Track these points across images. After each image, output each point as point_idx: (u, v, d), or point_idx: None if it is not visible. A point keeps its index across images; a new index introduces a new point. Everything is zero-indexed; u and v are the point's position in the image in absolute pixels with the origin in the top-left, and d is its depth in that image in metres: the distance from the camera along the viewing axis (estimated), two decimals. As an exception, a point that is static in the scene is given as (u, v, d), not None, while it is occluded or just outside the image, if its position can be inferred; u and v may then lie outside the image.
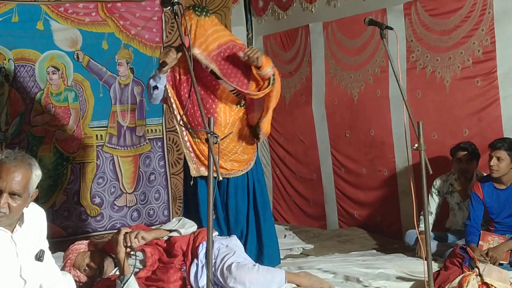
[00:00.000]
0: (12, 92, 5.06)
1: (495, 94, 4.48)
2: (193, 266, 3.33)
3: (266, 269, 3.33)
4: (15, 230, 2.50)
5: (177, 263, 3.37)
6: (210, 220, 2.69)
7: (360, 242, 5.09)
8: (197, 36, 3.73)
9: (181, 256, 3.38)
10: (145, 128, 5.65)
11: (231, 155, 3.90)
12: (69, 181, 5.30)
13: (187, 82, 3.78)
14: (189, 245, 3.41)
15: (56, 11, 5.21)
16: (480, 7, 4.52)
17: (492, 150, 4.02)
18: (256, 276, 3.21)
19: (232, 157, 3.91)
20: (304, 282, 3.35)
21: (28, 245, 2.54)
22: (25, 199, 2.46)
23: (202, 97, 3.77)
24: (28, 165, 2.44)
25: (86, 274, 3.38)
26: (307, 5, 5.98)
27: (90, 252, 3.45)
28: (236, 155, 3.92)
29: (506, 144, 3.99)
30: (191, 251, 3.39)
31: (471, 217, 4.13)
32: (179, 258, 3.37)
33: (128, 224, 5.41)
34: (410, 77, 5.00)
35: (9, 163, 2.39)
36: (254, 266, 3.30)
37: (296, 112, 6.14)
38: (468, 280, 3.36)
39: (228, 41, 3.83)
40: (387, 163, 5.27)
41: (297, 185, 6.27)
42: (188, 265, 3.35)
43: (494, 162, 3.99)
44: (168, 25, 5.74)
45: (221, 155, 3.83)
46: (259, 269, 3.27)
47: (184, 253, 3.39)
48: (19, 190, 2.40)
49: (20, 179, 2.40)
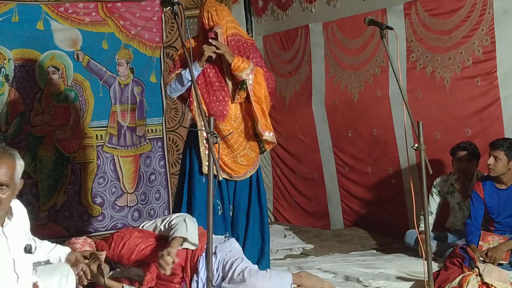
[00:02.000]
0: (12, 92, 5.05)
1: (496, 94, 4.48)
2: (193, 283, 3.28)
3: (276, 274, 3.32)
4: (5, 223, 2.50)
5: (176, 282, 3.31)
6: (210, 220, 2.69)
7: (360, 242, 5.10)
8: (220, 17, 3.81)
9: (180, 273, 3.32)
10: (145, 128, 5.65)
11: (241, 151, 3.90)
12: (70, 181, 5.30)
13: (202, 73, 3.83)
14: (187, 260, 3.34)
15: (56, 11, 5.21)
16: (480, 7, 4.52)
17: (491, 149, 4.03)
18: (268, 282, 3.21)
19: (242, 153, 3.90)
20: (305, 282, 3.35)
21: (18, 238, 2.54)
22: (13, 190, 2.49)
23: (216, 89, 3.84)
24: (11, 155, 2.48)
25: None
26: (306, 5, 5.98)
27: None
28: (245, 151, 3.91)
29: (506, 144, 3.99)
30: (190, 267, 3.33)
31: (472, 216, 4.13)
32: (178, 276, 3.31)
33: (129, 224, 5.41)
34: (410, 77, 5.00)
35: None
36: (265, 271, 3.29)
37: (296, 112, 6.14)
38: (468, 280, 3.36)
39: (236, 33, 3.90)
40: (392, 162, 5.26)
41: (298, 185, 6.27)
42: (188, 282, 3.30)
43: (491, 161, 4.00)
44: (168, 25, 5.74)
45: (230, 151, 3.86)
46: (271, 274, 3.27)
47: (182, 268, 3.33)
48: (6, 181, 2.43)
49: (6, 169, 2.44)
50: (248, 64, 3.76)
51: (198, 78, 3.83)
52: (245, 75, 3.75)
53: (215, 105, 3.85)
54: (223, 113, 3.84)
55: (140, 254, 3.37)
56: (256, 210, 3.98)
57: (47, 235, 5.08)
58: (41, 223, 5.15)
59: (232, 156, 3.88)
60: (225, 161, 3.86)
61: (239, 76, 3.76)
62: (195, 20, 6.08)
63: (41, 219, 5.16)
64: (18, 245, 2.53)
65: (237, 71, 3.74)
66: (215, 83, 3.84)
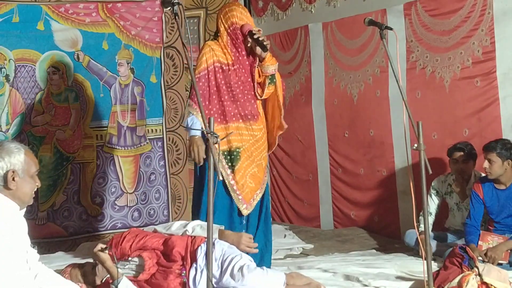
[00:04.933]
0: (13, 92, 5.07)
1: (495, 94, 4.48)
2: (192, 270, 3.33)
3: (272, 272, 3.37)
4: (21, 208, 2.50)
5: (176, 268, 3.35)
6: (210, 220, 2.70)
7: (360, 242, 5.10)
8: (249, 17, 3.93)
9: (180, 261, 3.37)
10: (145, 128, 5.66)
11: (258, 160, 3.94)
12: (69, 181, 5.31)
13: (235, 73, 3.85)
14: (187, 249, 3.38)
15: (57, 12, 5.22)
16: (480, 7, 4.53)
17: (484, 153, 4.05)
18: (265, 278, 3.25)
19: (258, 163, 3.93)
20: (297, 282, 3.37)
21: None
22: None
23: (245, 89, 3.87)
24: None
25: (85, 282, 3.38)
26: (306, 5, 5.99)
27: (78, 267, 3.43)
28: (260, 158, 3.95)
29: (498, 146, 4.00)
30: (190, 255, 3.38)
31: (471, 216, 4.14)
32: (178, 263, 3.36)
33: (129, 224, 5.42)
34: (410, 77, 5.01)
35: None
36: (262, 269, 3.33)
37: (295, 113, 6.14)
38: (467, 279, 3.37)
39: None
40: (386, 163, 5.27)
41: (292, 186, 6.27)
42: (187, 270, 3.34)
43: (486, 164, 4.01)
44: (168, 26, 5.75)
45: (250, 162, 3.89)
46: (268, 272, 3.32)
47: (182, 257, 3.38)
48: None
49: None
50: (275, 60, 3.88)
51: (224, 79, 3.83)
52: (274, 68, 3.85)
53: (250, 104, 3.88)
54: (257, 111, 3.91)
55: (142, 241, 3.45)
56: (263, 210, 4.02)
57: (46, 235, 5.12)
58: (40, 223, 5.16)
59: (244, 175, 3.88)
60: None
61: (270, 70, 3.84)
62: (195, 20, 6.13)
63: (40, 218, 5.17)
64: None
65: (272, 62, 3.83)
66: (244, 82, 3.86)
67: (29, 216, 4.99)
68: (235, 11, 3.85)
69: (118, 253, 3.43)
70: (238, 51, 3.83)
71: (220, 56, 3.82)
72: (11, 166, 2.39)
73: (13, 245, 2.32)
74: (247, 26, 3.79)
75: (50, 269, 2.72)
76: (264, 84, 3.90)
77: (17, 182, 2.40)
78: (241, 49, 3.83)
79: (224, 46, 3.84)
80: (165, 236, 3.54)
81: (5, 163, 2.39)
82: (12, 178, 2.39)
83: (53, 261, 4.29)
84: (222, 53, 3.82)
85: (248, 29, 3.77)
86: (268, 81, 3.88)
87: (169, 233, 3.58)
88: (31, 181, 2.47)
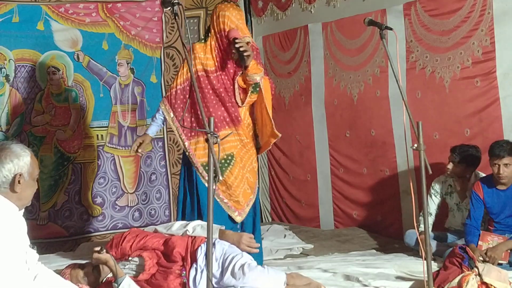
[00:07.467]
0: (13, 92, 5.07)
1: (495, 94, 4.48)
2: (192, 271, 3.33)
3: (273, 271, 3.38)
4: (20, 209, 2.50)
5: (176, 268, 3.36)
6: (210, 220, 2.70)
7: (360, 242, 5.10)
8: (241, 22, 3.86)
9: (180, 261, 3.38)
10: (146, 128, 5.66)
11: (249, 165, 3.94)
12: (70, 181, 5.32)
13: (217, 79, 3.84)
14: (188, 249, 3.40)
15: (57, 12, 5.23)
16: (479, 7, 4.53)
17: (495, 159, 3.95)
18: (266, 277, 3.26)
19: (249, 168, 3.94)
20: (297, 282, 3.38)
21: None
22: None
23: (231, 94, 3.86)
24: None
25: (86, 283, 3.38)
26: (306, 5, 5.99)
27: (78, 268, 3.43)
28: (251, 162, 3.96)
29: (508, 148, 3.96)
30: (190, 255, 3.39)
31: (471, 216, 4.14)
32: (178, 264, 3.37)
33: (130, 224, 5.43)
34: (409, 77, 5.01)
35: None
36: (263, 267, 3.35)
37: (295, 113, 6.14)
38: (467, 279, 3.37)
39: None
40: (388, 163, 5.27)
41: (289, 187, 6.27)
42: (187, 270, 3.35)
43: (503, 169, 3.93)
44: (168, 26, 5.76)
45: (241, 167, 3.89)
46: (269, 270, 3.33)
47: (183, 258, 3.39)
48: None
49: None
50: (261, 68, 3.82)
51: (209, 84, 3.84)
52: (259, 77, 3.79)
53: (236, 109, 3.88)
54: (240, 116, 3.89)
55: (142, 241, 3.46)
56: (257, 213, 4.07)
57: (46, 235, 5.13)
58: (41, 223, 5.16)
59: (236, 186, 3.90)
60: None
61: (254, 79, 3.78)
62: (195, 20, 6.14)
63: (41, 219, 5.18)
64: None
65: (256, 71, 3.76)
66: (227, 89, 3.85)
67: (31, 216, 5.01)
68: (227, 13, 3.79)
69: (118, 253, 3.44)
70: (223, 56, 3.82)
71: (204, 64, 3.81)
72: (19, 169, 2.39)
73: (12, 246, 2.32)
74: (233, 32, 3.73)
75: (49, 269, 2.71)
76: (247, 91, 3.88)
77: (22, 185, 2.40)
78: (226, 55, 3.81)
79: (211, 49, 3.82)
80: (166, 236, 3.55)
81: (13, 166, 2.39)
82: (18, 181, 2.39)
83: (53, 261, 4.29)
84: (207, 59, 3.80)
85: (233, 36, 3.70)
86: (251, 90, 3.85)
87: (170, 233, 3.59)
88: (34, 184, 2.48)
